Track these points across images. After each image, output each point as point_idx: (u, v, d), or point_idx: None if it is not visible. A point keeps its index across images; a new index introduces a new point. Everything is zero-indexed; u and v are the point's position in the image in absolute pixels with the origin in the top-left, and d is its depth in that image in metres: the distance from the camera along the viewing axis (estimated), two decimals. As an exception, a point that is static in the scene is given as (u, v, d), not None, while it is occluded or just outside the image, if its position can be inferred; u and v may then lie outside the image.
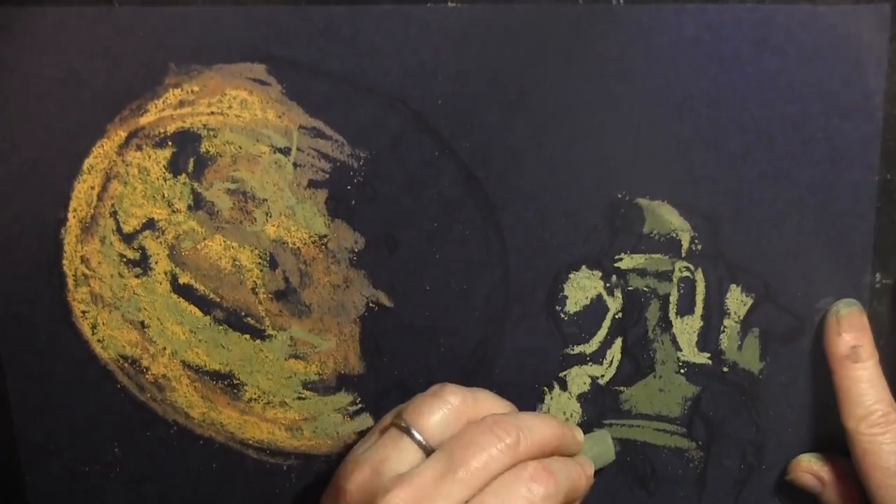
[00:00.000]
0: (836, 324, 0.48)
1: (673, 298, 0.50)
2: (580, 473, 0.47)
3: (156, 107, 0.51)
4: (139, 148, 0.52)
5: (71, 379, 0.55)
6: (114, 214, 0.53)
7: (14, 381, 0.55)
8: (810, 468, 0.50)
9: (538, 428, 0.46)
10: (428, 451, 0.45)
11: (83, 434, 0.56)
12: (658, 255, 0.50)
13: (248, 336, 0.53)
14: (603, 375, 0.52)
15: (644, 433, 0.52)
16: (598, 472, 0.51)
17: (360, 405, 0.53)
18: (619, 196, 0.50)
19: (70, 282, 0.54)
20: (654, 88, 0.48)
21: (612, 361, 0.51)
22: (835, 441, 0.50)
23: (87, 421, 0.55)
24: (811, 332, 0.50)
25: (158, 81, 0.51)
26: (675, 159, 0.49)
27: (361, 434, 0.54)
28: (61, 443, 0.56)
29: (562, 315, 0.51)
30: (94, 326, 0.54)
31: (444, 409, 0.46)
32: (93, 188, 0.52)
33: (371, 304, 0.52)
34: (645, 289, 0.50)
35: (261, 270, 0.52)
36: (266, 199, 0.52)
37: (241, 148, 0.51)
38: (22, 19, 0.50)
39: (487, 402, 0.48)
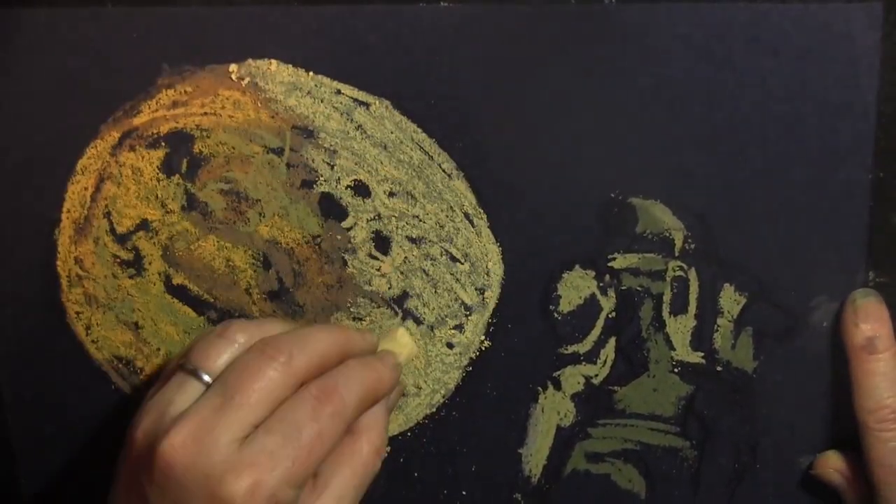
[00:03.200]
0: (853, 313, 0.48)
1: (666, 298, 0.50)
2: (377, 371, 0.46)
3: (149, 107, 0.51)
4: (132, 148, 0.52)
5: (65, 380, 0.55)
6: (107, 215, 0.53)
7: (8, 383, 0.55)
8: (837, 465, 0.49)
9: (313, 340, 0.44)
10: None
11: (78, 435, 0.56)
12: (651, 255, 0.50)
13: (242, 336, 0.53)
14: (597, 375, 0.52)
15: (638, 433, 0.52)
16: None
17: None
18: (613, 195, 0.49)
19: (64, 283, 0.54)
20: (647, 87, 0.48)
21: (605, 361, 0.51)
22: (829, 439, 0.51)
23: (82, 422, 0.55)
24: (805, 331, 0.50)
25: (151, 82, 0.51)
26: (667, 158, 0.49)
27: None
28: (56, 444, 0.56)
29: (555, 314, 0.51)
30: (88, 327, 0.54)
31: (232, 348, 0.44)
32: (86, 189, 0.52)
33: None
34: (638, 288, 0.50)
35: (254, 271, 0.52)
36: (259, 200, 0.52)
37: (234, 148, 0.51)
38: (14, 20, 0.50)
39: (275, 331, 0.45)
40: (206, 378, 0.44)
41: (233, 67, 0.50)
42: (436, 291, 0.52)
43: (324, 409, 0.42)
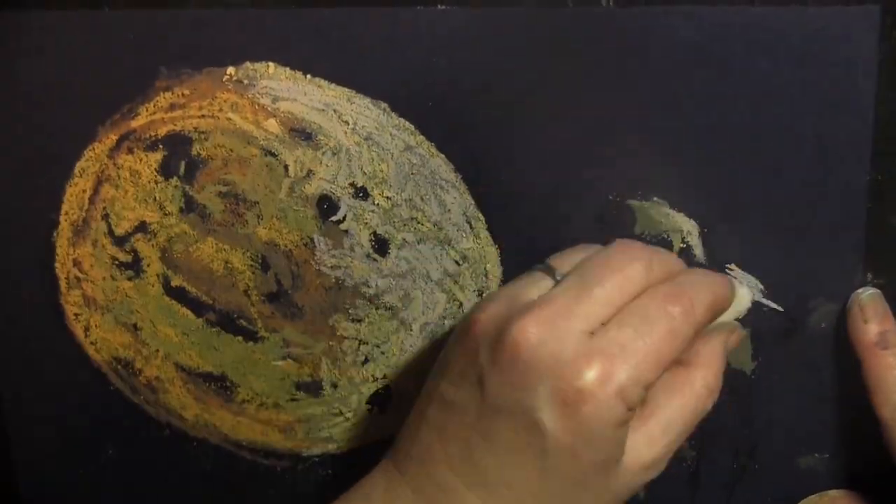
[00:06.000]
0: (860, 312, 0.48)
1: (664, 299, 0.50)
2: (720, 283, 0.45)
3: (147, 110, 0.51)
4: (130, 151, 0.52)
5: (64, 382, 0.55)
6: (105, 217, 0.53)
7: (7, 385, 0.55)
8: None
9: (671, 258, 0.44)
10: None
11: (77, 436, 0.56)
12: (649, 257, 0.50)
13: (240, 338, 0.53)
14: (595, 376, 0.52)
15: (636, 433, 0.52)
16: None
17: (352, 406, 0.54)
18: (611, 197, 0.49)
19: (62, 285, 0.54)
20: (645, 90, 0.48)
21: (604, 362, 0.51)
22: (827, 440, 0.51)
23: (81, 423, 0.55)
24: (803, 332, 0.50)
25: (149, 85, 0.51)
26: (665, 161, 0.49)
27: (354, 436, 0.54)
28: (55, 445, 0.56)
29: (554, 316, 0.51)
30: (86, 329, 0.54)
31: (587, 253, 0.44)
32: (84, 191, 0.52)
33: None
34: (636, 290, 0.50)
35: (253, 273, 0.52)
36: (257, 202, 0.52)
37: (232, 151, 0.51)
38: (13, 23, 0.50)
39: None
40: (560, 277, 0.43)
41: (230, 70, 0.50)
42: (434, 293, 0.52)
43: (674, 308, 0.41)
